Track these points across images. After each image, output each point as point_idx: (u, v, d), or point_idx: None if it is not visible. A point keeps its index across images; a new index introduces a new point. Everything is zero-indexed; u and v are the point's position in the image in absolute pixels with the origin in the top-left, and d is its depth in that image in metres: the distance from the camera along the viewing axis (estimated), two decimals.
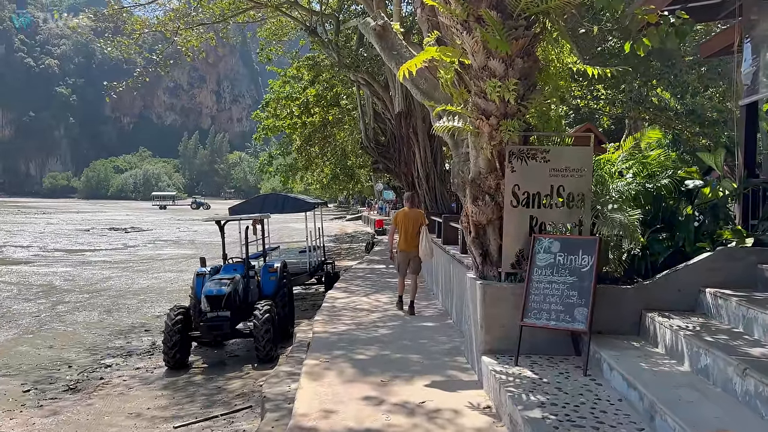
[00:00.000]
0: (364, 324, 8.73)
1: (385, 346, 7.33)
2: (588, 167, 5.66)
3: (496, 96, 5.30)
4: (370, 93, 18.43)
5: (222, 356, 11.40)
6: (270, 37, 22.54)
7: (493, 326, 5.55)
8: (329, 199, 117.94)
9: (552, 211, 5.68)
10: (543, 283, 5.30)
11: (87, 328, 14.47)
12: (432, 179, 17.54)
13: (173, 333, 10.12)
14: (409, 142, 16.87)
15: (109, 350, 12.27)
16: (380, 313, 9.62)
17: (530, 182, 5.66)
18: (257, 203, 15.75)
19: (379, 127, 20.17)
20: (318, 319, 9.13)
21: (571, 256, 5.25)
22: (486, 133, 5.63)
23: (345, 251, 33.29)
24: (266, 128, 26.06)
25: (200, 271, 11.94)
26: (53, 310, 16.78)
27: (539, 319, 5.24)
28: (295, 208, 15.73)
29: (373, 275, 15.28)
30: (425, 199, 17.98)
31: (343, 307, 10.35)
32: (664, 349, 4.98)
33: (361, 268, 17.07)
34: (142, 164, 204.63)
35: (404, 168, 17.54)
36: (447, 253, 9.48)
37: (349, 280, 14.51)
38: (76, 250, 35.15)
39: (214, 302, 10.43)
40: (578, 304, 5.08)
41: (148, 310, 16.69)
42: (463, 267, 7.70)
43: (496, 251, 5.87)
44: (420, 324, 8.74)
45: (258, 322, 10.02)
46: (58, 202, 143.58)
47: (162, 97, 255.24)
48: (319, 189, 48.31)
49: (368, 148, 19.81)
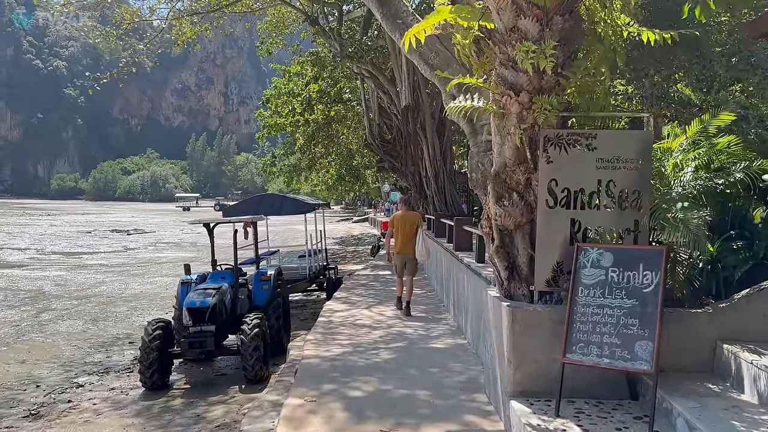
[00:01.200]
0: (364, 345, 7.46)
1: (386, 377, 6.04)
2: (646, 157, 4.42)
3: (528, 64, 4.08)
4: (375, 86, 17.19)
5: (208, 374, 10.23)
6: (271, 29, 21.39)
7: (525, 361, 4.32)
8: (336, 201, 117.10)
9: (599, 213, 4.45)
10: (591, 308, 4.06)
11: (67, 339, 13.36)
12: (441, 178, 16.32)
13: (150, 350, 8.94)
14: (417, 139, 15.63)
15: (85, 366, 11.12)
16: (383, 330, 8.35)
17: (571, 176, 4.44)
18: (253, 204, 14.58)
19: (385, 123, 18.90)
20: (310, 338, 7.87)
21: (628, 273, 4.01)
22: (514, 113, 4.41)
23: (350, 254, 32.17)
24: (268, 126, 24.88)
25: (185, 279, 10.79)
26: (36, 318, 15.70)
27: (587, 355, 4.00)
28: (293, 209, 14.54)
29: (377, 283, 14.04)
30: (434, 200, 16.76)
31: (342, 322, 9.08)
32: (756, 397, 3.74)
33: (365, 275, 15.85)
34: (150, 166, 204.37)
35: (411, 166, 16.29)
36: (460, 262, 8.26)
37: (351, 288, 13.30)
38: (74, 252, 34.18)
39: (197, 315, 9.25)
40: (640, 335, 3.85)
41: (137, 319, 15.54)
42: (480, 280, 6.48)
43: (526, 264, 4.64)
44: (429, 345, 7.45)
45: (246, 338, 8.83)
46: (65, 204, 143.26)
47: (170, 98, 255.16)
48: (325, 190, 47.18)
49: (373, 146, 18.53)
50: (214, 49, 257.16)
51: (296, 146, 28.22)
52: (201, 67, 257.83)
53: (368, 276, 15.55)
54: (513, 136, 4.50)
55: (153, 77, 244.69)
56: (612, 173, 4.41)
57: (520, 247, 4.66)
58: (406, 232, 9.88)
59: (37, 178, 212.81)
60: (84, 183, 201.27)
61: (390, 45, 15.48)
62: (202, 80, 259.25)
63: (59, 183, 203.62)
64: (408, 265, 9.95)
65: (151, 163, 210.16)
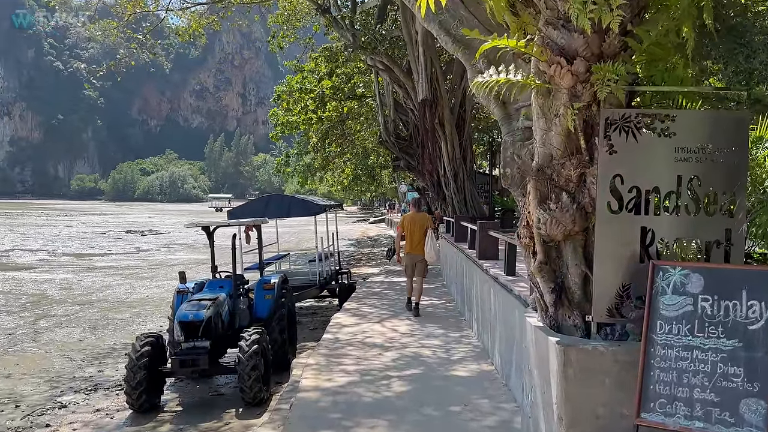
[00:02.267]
0: (373, 372, 6.37)
1: (398, 419, 4.88)
2: (742, 146, 3.34)
3: (586, 21, 3.01)
4: (390, 80, 16.10)
5: (204, 393, 9.26)
6: (282, 23, 20.46)
7: (581, 417, 3.25)
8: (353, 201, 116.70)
9: (678, 220, 3.37)
10: (675, 350, 2.99)
11: (61, 350, 12.51)
12: (461, 178, 15.23)
13: (138, 369, 7.96)
14: (435, 136, 14.54)
15: (74, 382, 10.23)
16: (396, 351, 7.24)
17: (641, 171, 3.36)
18: (260, 206, 13.63)
19: (401, 119, 17.76)
20: (311, 362, 6.80)
21: (725, 302, 2.94)
22: (565, 87, 3.35)
23: (366, 256, 31.20)
24: (280, 124, 23.92)
25: (181, 288, 9.84)
26: (33, 326, 14.91)
27: (671, 416, 2.93)
28: (302, 211, 13.55)
29: (392, 291, 12.97)
30: (453, 201, 15.67)
31: (349, 340, 8.00)
32: None
33: (378, 282, 14.80)
34: (168, 166, 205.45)
35: (428, 165, 15.19)
36: (485, 273, 7.17)
37: (363, 297, 12.26)
38: (86, 254, 33.64)
39: (190, 330, 8.29)
40: (747, 391, 2.78)
41: (138, 327, 14.68)
42: (512, 297, 5.40)
43: (579, 286, 3.57)
44: (450, 373, 6.34)
45: (243, 356, 7.84)
46: (85, 204, 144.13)
47: (188, 99, 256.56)
48: (341, 191, 46.21)
49: (387, 143, 17.41)
50: (232, 50, 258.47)
51: (309, 145, 27.24)
52: (219, 69, 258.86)
53: (382, 283, 14.50)
54: (563, 119, 3.44)
55: (172, 78, 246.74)
56: (696, 167, 3.32)
57: (570, 263, 3.59)
58: (416, 233, 10.02)
59: (57, 179, 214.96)
60: (103, 183, 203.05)
61: (406, 35, 14.45)
62: (220, 81, 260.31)
63: (79, 184, 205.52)
64: (417, 266, 10.06)
65: (170, 163, 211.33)
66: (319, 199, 15.30)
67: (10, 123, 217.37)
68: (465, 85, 15.14)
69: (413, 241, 10.02)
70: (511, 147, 4.03)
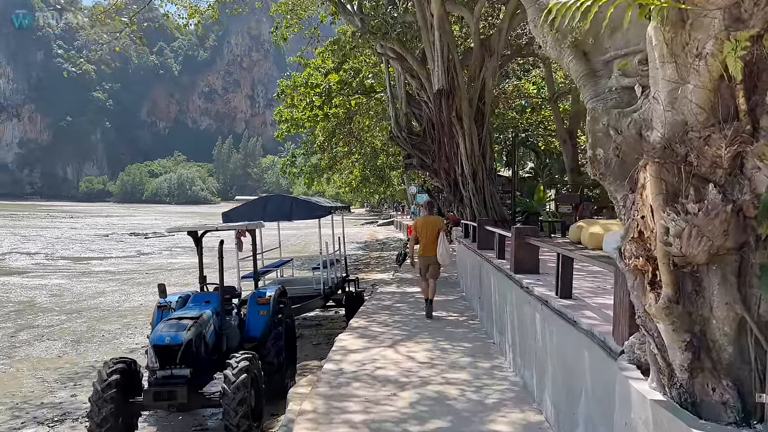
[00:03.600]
0: (386, 426, 4.89)
1: None
2: None
3: None
4: (402, 69, 14.63)
5: (185, 428, 7.92)
6: (286, 12, 19.11)
7: None
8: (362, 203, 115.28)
9: None
10: None
11: (35, 368, 11.22)
12: (480, 177, 13.82)
13: (104, 403, 6.63)
14: (452, 131, 13.10)
15: (40, 409, 8.90)
16: (415, 390, 5.65)
17: None
18: (258, 208, 12.27)
19: (413, 113, 16.20)
20: (306, 408, 5.26)
21: None
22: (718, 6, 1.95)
23: (374, 260, 29.85)
24: (284, 121, 22.54)
25: (162, 303, 8.49)
26: (11, 338, 13.63)
27: None
28: (305, 213, 12.16)
29: (404, 305, 11.50)
30: (471, 202, 14.24)
31: (356, 372, 6.44)
32: None
33: (389, 292, 13.35)
34: (177, 168, 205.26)
35: (444, 163, 13.73)
36: (526, 291, 5.72)
37: (372, 312, 10.84)
38: (84, 258, 32.48)
39: (166, 355, 6.94)
40: None
41: (126, 340, 13.41)
42: (576, 332, 3.97)
43: (731, 339, 2.17)
44: (486, 427, 4.82)
45: (229, 388, 6.48)
46: (93, 206, 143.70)
47: (197, 101, 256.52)
48: (349, 192, 44.85)
49: (399, 139, 15.88)
50: (241, 52, 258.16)
51: (315, 144, 25.86)
52: (228, 71, 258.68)
53: (393, 294, 13.04)
54: (710, 60, 2.04)
55: (180, 80, 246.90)
56: None
57: (718, 301, 2.19)
58: (428, 235, 10.21)
59: (66, 181, 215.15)
60: (112, 185, 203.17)
61: (420, 19, 13.03)
62: (228, 83, 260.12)
63: (87, 185, 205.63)
64: (431, 268, 10.26)
65: (178, 165, 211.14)
66: (324, 201, 13.89)
67: (19, 125, 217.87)
68: (485, 74, 13.71)
69: (426, 244, 10.26)
70: (605, 116, 2.62)
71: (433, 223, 10.37)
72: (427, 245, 10.22)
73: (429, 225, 10.32)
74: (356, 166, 35.75)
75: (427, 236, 10.22)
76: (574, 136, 23.02)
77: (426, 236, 10.24)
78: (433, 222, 10.41)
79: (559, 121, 21.99)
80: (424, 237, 10.28)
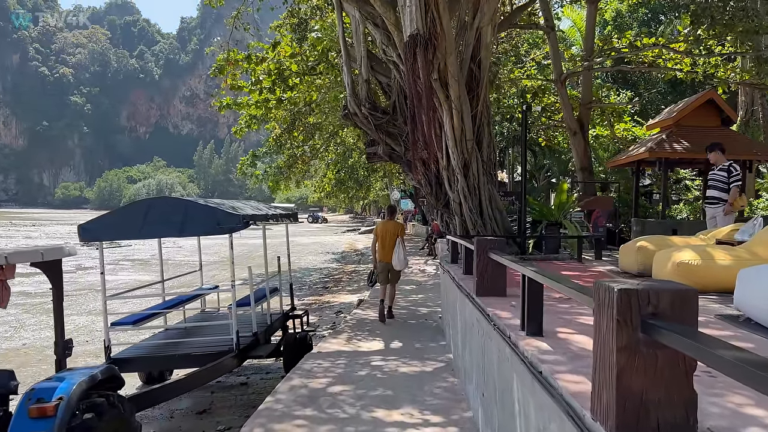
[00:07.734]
0: None
1: None
2: None
3: None
4: (361, 15, 10.06)
5: None
6: None
7: None
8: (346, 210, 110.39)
9: None
10: None
11: None
12: (473, 170, 9.51)
13: None
14: (431, 101, 8.66)
15: None
16: None
17: None
18: (134, 217, 7.87)
19: (378, 80, 11.52)
20: None
21: None
22: None
23: (347, 276, 25.49)
24: (225, 106, 18.05)
25: None
26: None
27: None
28: (205, 225, 7.73)
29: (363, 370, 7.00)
30: (460, 209, 9.87)
31: None
32: None
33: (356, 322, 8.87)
34: (156, 174, 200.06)
35: (422, 150, 9.18)
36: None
37: (326, 370, 6.37)
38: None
39: None
40: None
41: None
42: None
43: None
44: None
45: None
46: (67, 213, 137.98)
47: (178, 106, 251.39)
48: (324, 198, 40.37)
49: (357, 117, 11.05)
50: None
51: (269, 137, 21.43)
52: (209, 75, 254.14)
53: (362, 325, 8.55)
54: None
55: (161, 85, 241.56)
56: None
57: None
58: (387, 240, 10.34)
59: (42, 187, 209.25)
60: (89, 192, 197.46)
61: None
62: (211, 88, 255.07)
63: (64, 192, 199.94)
64: (391, 273, 10.40)
65: (158, 171, 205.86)
66: (247, 205, 9.44)
67: None
68: (481, 22, 9.36)
69: (385, 249, 10.34)
70: None
71: (392, 228, 10.40)
72: (386, 250, 10.30)
73: (388, 230, 10.37)
74: (331, 168, 31.37)
75: (386, 241, 10.33)
76: (586, 127, 18.89)
77: (384, 241, 10.36)
78: (392, 227, 10.43)
79: (567, 108, 17.86)
80: (382, 242, 10.39)
